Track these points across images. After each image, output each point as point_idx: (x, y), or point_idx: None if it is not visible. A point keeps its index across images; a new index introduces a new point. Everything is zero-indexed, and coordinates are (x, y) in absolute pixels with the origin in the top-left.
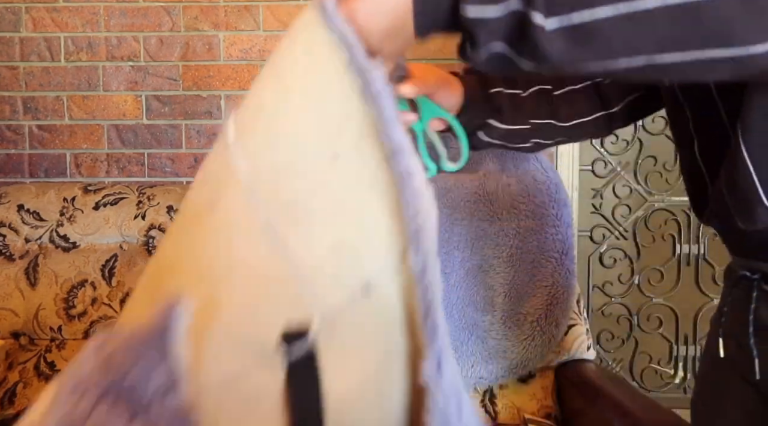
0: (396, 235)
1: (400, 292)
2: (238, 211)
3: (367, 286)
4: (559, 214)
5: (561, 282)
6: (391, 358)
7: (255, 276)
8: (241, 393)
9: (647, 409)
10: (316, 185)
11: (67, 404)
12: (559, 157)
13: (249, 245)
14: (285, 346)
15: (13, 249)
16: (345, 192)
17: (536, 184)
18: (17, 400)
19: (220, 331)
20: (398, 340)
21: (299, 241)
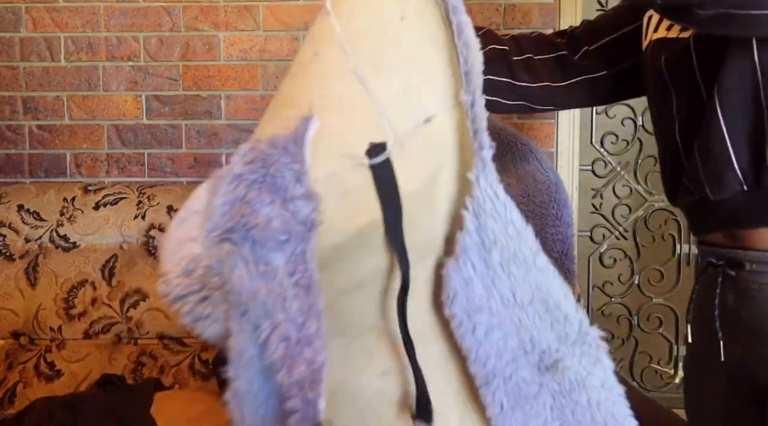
0: (451, 79)
1: (454, 123)
2: (334, 60)
3: (428, 118)
4: (559, 214)
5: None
6: (443, 171)
7: (348, 107)
8: (340, 186)
9: (647, 409)
10: (389, 41)
11: (228, 190)
12: (559, 157)
13: (343, 85)
14: (370, 154)
15: (13, 249)
16: (412, 46)
17: (536, 184)
18: (17, 400)
19: (325, 144)
20: (450, 158)
21: (378, 84)
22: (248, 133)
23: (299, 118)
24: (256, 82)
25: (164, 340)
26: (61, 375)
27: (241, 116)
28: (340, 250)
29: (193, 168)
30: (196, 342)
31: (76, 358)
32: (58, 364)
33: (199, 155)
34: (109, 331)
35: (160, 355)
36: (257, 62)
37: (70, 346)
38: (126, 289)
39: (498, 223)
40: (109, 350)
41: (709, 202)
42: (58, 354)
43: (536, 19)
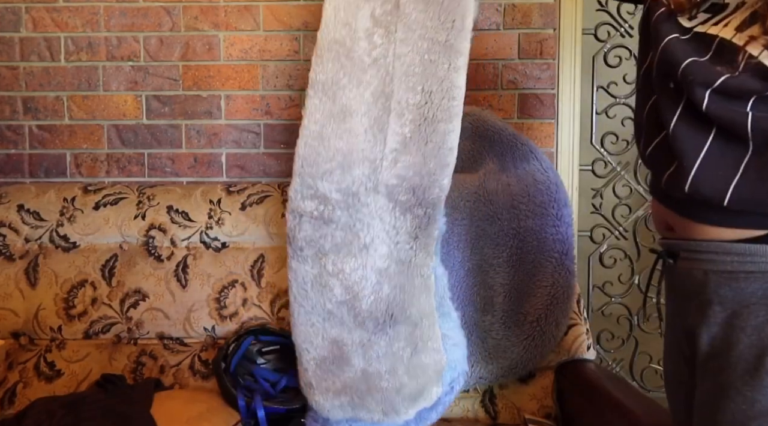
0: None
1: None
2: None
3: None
4: (559, 214)
5: (561, 282)
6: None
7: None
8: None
9: (647, 409)
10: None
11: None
12: (559, 157)
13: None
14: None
15: (13, 249)
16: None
17: (536, 184)
18: (17, 400)
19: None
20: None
21: None
22: (248, 133)
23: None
24: (256, 82)
25: (164, 340)
26: (61, 375)
27: (241, 116)
28: None
29: (193, 168)
30: (196, 342)
31: (76, 358)
32: (58, 364)
33: (199, 155)
34: (109, 331)
35: (160, 355)
36: (257, 62)
37: (70, 346)
38: (126, 289)
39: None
40: (109, 350)
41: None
42: (58, 354)
43: (536, 19)
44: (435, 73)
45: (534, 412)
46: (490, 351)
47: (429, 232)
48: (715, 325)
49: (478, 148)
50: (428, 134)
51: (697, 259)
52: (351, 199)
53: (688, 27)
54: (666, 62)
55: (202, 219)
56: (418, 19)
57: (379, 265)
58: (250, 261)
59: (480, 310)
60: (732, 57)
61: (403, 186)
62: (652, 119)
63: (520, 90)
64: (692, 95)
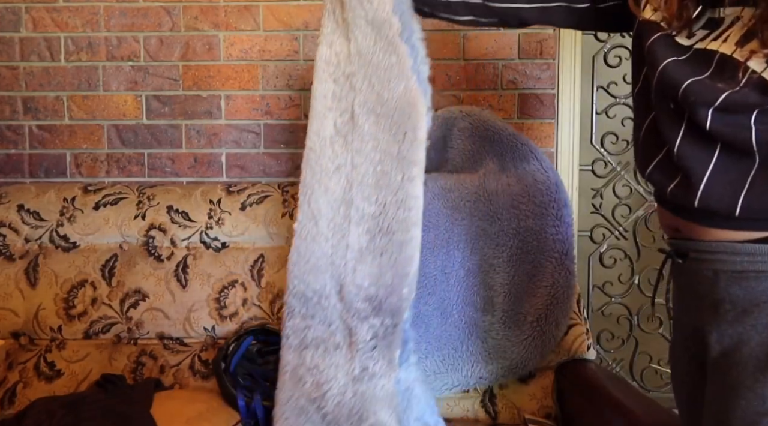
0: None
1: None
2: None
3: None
4: (559, 214)
5: (561, 282)
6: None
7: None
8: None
9: (647, 409)
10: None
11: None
12: (559, 157)
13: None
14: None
15: (13, 249)
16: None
17: (536, 184)
18: (17, 400)
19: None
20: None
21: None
22: (248, 133)
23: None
24: (256, 82)
25: (164, 340)
26: (61, 375)
27: (241, 116)
28: None
29: (193, 168)
30: (196, 342)
31: (76, 358)
32: (58, 364)
33: (199, 155)
34: (109, 331)
35: (160, 355)
36: (257, 62)
37: (70, 346)
38: (126, 289)
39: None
40: (109, 350)
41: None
42: (58, 354)
43: None
44: (388, 185)
45: (534, 412)
46: (490, 351)
47: (389, 343)
48: (726, 324)
49: (478, 148)
50: (383, 245)
51: (707, 259)
52: (324, 301)
53: (688, 45)
54: (665, 85)
55: (202, 219)
56: (370, 131)
57: (346, 368)
58: (250, 261)
59: (480, 310)
60: (733, 73)
61: (360, 295)
62: (650, 138)
63: (520, 90)
64: (695, 115)
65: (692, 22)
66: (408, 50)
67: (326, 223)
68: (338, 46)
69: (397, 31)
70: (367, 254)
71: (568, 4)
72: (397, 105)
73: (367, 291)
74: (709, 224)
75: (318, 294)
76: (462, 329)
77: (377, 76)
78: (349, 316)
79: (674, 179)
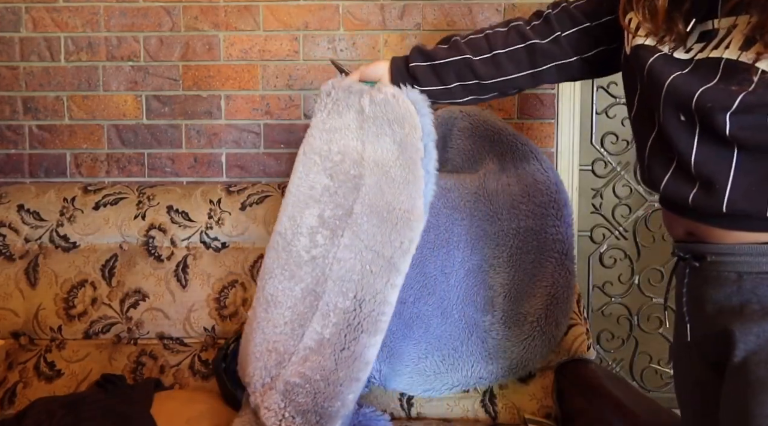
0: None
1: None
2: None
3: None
4: (559, 214)
5: (561, 282)
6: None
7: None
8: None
9: (647, 409)
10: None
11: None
12: (559, 157)
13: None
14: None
15: (13, 249)
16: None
17: (536, 184)
18: (17, 400)
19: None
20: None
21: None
22: (248, 133)
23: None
24: (256, 82)
25: (164, 340)
26: (61, 375)
27: (241, 116)
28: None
29: (193, 168)
30: (196, 342)
31: (76, 358)
32: (58, 364)
33: (199, 155)
34: (109, 331)
35: (160, 355)
36: (257, 62)
37: (70, 346)
38: (126, 289)
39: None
40: (109, 350)
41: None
42: (58, 354)
43: None
44: (372, 285)
45: (534, 412)
46: (490, 351)
47: None
48: (752, 323)
49: (478, 148)
50: (348, 341)
51: (730, 262)
52: (261, 387)
53: (688, 58)
54: (676, 99)
55: (202, 219)
56: (369, 231)
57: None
58: (250, 261)
59: (480, 310)
60: (743, 76)
61: (305, 387)
62: (658, 154)
63: None
64: (713, 122)
65: (686, 36)
66: (424, 175)
67: (282, 310)
68: (343, 147)
69: (420, 156)
70: (327, 346)
71: (556, 63)
72: (402, 216)
73: (315, 384)
74: (734, 227)
75: (258, 379)
76: (462, 329)
77: (390, 187)
78: (280, 409)
79: (693, 187)
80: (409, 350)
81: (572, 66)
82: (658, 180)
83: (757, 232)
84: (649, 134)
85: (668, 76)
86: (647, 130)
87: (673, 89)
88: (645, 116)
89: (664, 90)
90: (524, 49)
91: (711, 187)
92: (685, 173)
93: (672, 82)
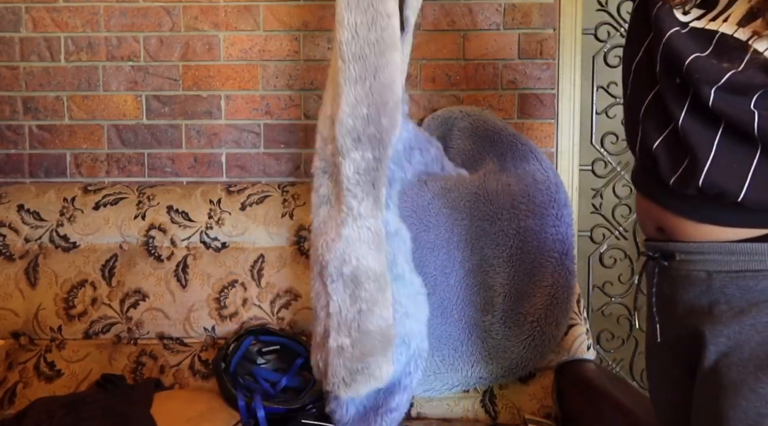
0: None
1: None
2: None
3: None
4: (559, 214)
5: (561, 282)
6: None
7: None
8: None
9: (647, 409)
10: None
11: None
12: (559, 157)
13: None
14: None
15: (13, 249)
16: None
17: (536, 184)
18: (17, 400)
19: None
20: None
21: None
22: (248, 133)
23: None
24: (256, 82)
25: (164, 340)
26: (61, 375)
27: (241, 116)
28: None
29: (193, 168)
30: (196, 342)
31: (76, 358)
32: (58, 364)
33: (199, 155)
34: (109, 331)
35: (160, 355)
36: (257, 62)
37: (70, 346)
38: (126, 289)
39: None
40: (109, 350)
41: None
42: (58, 354)
43: (536, 19)
44: (357, 4)
45: (534, 412)
46: (490, 351)
47: (372, 179)
48: (722, 325)
49: (478, 148)
50: (357, 72)
51: (699, 260)
52: (325, 147)
53: (685, 21)
54: (670, 57)
55: (202, 219)
56: None
57: (333, 214)
58: (250, 261)
59: (480, 310)
60: (736, 53)
61: (342, 130)
62: (654, 114)
63: (520, 90)
64: (698, 92)
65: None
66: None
67: (330, 88)
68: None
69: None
70: (346, 86)
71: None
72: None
73: (346, 124)
74: (705, 219)
75: (323, 140)
76: (462, 329)
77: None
78: (337, 156)
79: (680, 162)
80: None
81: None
82: (649, 144)
83: (726, 227)
84: (648, 92)
85: (667, 30)
86: (646, 87)
87: (670, 46)
88: (647, 70)
89: (663, 43)
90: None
91: (693, 156)
92: (676, 142)
93: (670, 37)
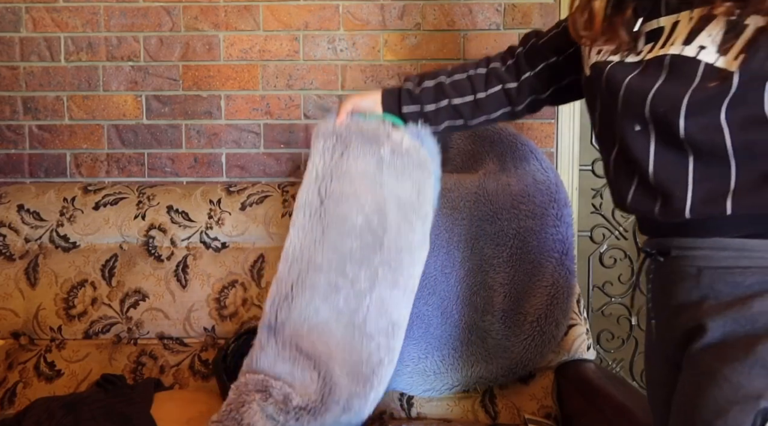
0: None
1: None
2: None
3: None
4: (559, 214)
5: (561, 282)
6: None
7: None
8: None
9: (647, 409)
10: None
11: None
12: (559, 157)
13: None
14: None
15: (13, 249)
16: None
17: (536, 184)
18: (17, 400)
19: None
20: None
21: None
22: (248, 133)
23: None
24: (256, 82)
25: (164, 340)
26: (61, 375)
27: (241, 116)
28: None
29: (193, 168)
30: (196, 342)
31: (76, 358)
32: (58, 364)
33: (199, 155)
34: (109, 331)
35: (160, 355)
36: (257, 62)
37: (70, 346)
38: (126, 289)
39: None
40: (109, 350)
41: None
42: (58, 354)
43: (536, 19)
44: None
45: (534, 412)
46: (490, 351)
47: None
48: (708, 319)
49: (478, 148)
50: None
51: (691, 256)
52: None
53: (638, 61)
54: (631, 102)
55: (202, 219)
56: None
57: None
58: (250, 261)
59: (480, 310)
60: (688, 69)
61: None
62: (621, 170)
63: None
64: (668, 126)
65: (635, 41)
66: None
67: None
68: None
69: (433, 195)
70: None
71: (534, 97)
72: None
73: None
74: (700, 228)
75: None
76: (462, 329)
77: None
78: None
79: (656, 201)
80: (410, 350)
81: (548, 98)
82: (622, 199)
83: (723, 230)
84: (611, 150)
85: (623, 79)
86: (610, 147)
87: (629, 92)
88: (606, 133)
89: (621, 95)
90: (502, 91)
91: (671, 199)
92: (647, 188)
93: (628, 84)
